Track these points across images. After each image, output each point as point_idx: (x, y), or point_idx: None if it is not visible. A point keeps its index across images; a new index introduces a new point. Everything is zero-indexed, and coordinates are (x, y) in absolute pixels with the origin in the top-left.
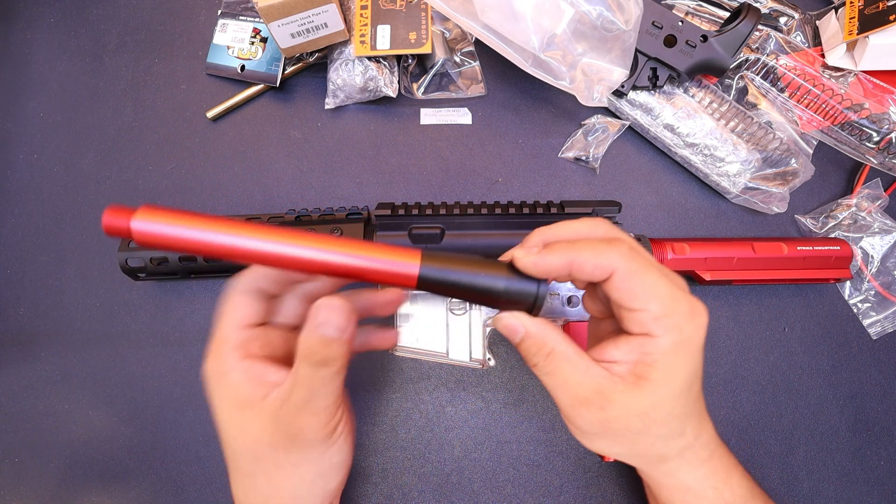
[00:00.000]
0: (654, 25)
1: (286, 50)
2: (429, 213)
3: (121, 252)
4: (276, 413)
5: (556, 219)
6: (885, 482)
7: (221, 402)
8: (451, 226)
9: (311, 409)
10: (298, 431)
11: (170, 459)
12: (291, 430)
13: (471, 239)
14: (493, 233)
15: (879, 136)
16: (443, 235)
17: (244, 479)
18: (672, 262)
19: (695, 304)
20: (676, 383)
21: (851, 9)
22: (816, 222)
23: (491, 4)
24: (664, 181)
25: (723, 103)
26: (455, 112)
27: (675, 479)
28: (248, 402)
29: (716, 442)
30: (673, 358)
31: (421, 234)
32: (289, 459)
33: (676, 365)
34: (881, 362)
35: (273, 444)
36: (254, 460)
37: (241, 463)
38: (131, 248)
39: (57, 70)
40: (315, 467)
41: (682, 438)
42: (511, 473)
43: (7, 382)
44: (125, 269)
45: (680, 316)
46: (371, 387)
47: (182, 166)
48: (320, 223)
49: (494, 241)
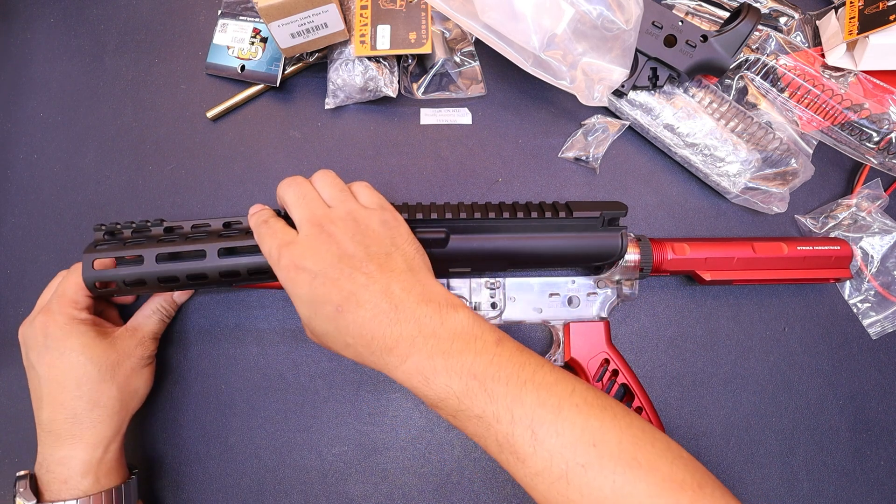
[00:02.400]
0: (655, 25)
1: (286, 50)
2: (434, 216)
3: (87, 274)
4: (120, 334)
5: (564, 222)
6: (885, 482)
7: (77, 336)
8: (456, 229)
9: (143, 332)
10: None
11: (169, 459)
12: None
13: (477, 243)
14: (499, 237)
15: (879, 136)
16: (447, 240)
17: (103, 384)
18: (672, 262)
19: (280, 246)
20: (299, 307)
21: (851, 9)
22: (816, 222)
23: (491, 4)
24: (664, 181)
25: (723, 103)
26: (455, 112)
27: (394, 377)
28: (99, 336)
29: (413, 341)
30: (289, 295)
31: (425, 239)
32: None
33: (293, 298)
34: (881, 362)
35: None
36: (112, 367)
37: (104, 370)
38: (98, 270)
39: (57, 70)
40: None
41: (347, 348)
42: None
43: (7, 382)
44: (95, 292)
45: (273, 263)
46: (371, 387)
47: (182, 166)
48: None
49: (501, 244)
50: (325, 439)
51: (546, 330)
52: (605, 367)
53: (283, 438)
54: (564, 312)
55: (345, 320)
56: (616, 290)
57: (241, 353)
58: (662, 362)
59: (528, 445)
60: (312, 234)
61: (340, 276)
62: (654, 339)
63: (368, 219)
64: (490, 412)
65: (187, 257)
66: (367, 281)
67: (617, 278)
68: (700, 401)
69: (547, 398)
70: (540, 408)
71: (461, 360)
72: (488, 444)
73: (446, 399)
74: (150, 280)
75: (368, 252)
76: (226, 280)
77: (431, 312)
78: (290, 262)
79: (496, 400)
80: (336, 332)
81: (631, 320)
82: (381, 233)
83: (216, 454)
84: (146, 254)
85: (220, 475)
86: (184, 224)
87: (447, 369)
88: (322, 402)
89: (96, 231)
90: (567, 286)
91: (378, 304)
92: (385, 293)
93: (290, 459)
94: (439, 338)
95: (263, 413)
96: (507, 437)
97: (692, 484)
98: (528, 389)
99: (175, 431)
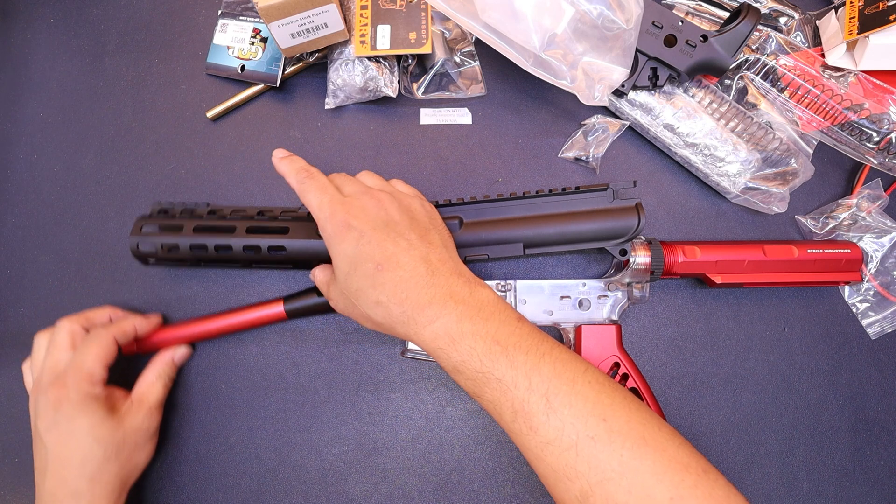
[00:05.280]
0: (655, 25)
1: (286, 50)
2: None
3: (132, 236)
4: (128, 410)
5: (573, 196)
6: (885, 482)
7: (88, 415)
8: (469, 213)
9: (149, 402)
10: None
11: (170, 459)
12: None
13: (490, 226)
14: (511, 217)
15: (879, 137)
16: (461, 225)
17: (114, 460)
18: (683, 264)
19: (334, 203)
20: (338, 264)
21: (851, 9)
22: (817, 223)
23: (491, 4)
24: (664, 181)
25: (723, 103)
26: (455, 112)
27: (417, 343)
28: (108, 413)
29: (442, 310)
30: (330, 248)
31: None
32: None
33: (333, 252)
34: (881, 362)
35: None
36: (118, 447)
37: (109, 451)
38: (143, 233)
39: (57, 70)
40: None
41: (376, 304)
42: (511, 473)
43: (7, 382)
44: (136, 254)
45: (323, 217)
46: (371, 387)
47: (182, 166)
48: None
49: (514, 225)
50: (325, 439)
51: (557, 332)
52: (615, 371)
53: (283, 438)
54: (575, 315)
55: (382, 277)
56: (626, 292)
57: (241, 353)
58: (663, 362)
59: (542, 413)
60: (364, 198)
61: (385, 239)
62: (655, 339)
63: (410, 200)
64: (509, 377)
65: (219, 231)
66: (408, 246)
67: (627, 281)
68: (700, 401)
69: (563, 371)
70: (556, 378)
71: (487, 326)
72: (503, 410)
73: (468, 361)
74: (182, 247)
75: (411, 223)
76: (247, 256)
77: (462, 283)
78: (342, 218)
79: (516, 366)
80: (371, 288)
81: (631, 320)
82: (421, 212)
83: (216, 454)
84: (186, 224)
85: (220, 475)
86: (224, 208)
87: (473, 333)
88: (322, 402)
89: (154, 206)
90: (578, 288)
91: (416, 268)
92: (423, 259)
93: (290, 459)
94: (468, 304)
95: (263, 413)
96: (523, 404)
97: (696, 468)
98: (546, 361)
99: (175, 431)
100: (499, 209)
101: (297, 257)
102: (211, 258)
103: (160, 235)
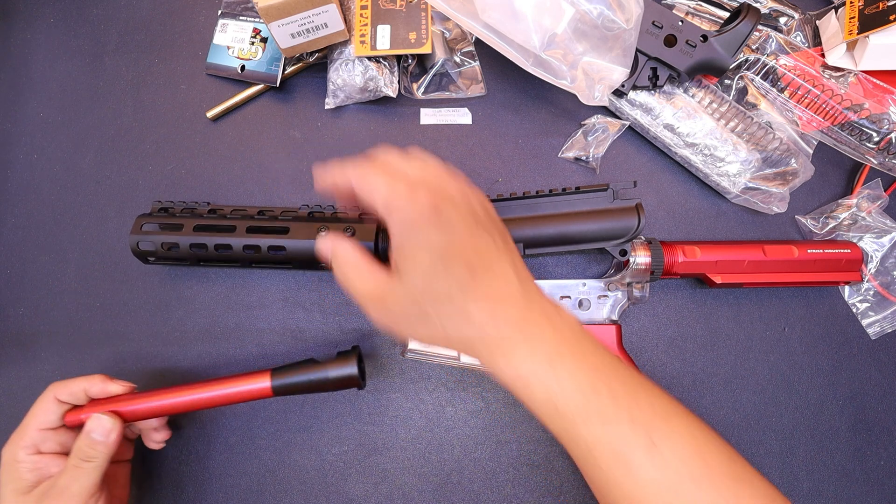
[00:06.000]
0: (655, 25)
1: (286, 50)
2: None
3: (133, 235)
4: (46, 493)
5: (572, 196)
6: (885, 482)
7: (8, 484)
8: None
9: (70, 493)
10: None
11: (170, 459)
12: None
13: None
14: (513, 217)
15: (879, 136)
16: None
17: None
18: (683, 264)
19: (414, 185)
20: (420, 260)
21: (851, 9)
22: (817, 223)
23: (491, 4)
24: (664, 181)
25: (723, 103)
26: (455, 112)
27: (496, 368)
28: (27, 487)
29: (541, 324)
30: (405, 239)
31: None
32: None
33: (411, 243)
34: (881, 362)
35: None
36: None
37: None
38: (143, 232)
39: (57, 70)
40: None
41: (463, 316)
42: (511, 473)
43: (7, 382)
44: (136, 253)
45: (399, 198)
46: (371, 387)
47: (182, 166)
48: (333, 221)
49: (512, 232)
50: (325, 439)
51: None
52: None
53: (283, 438)
54: (575, 315)
55: (475, 283)
56: (626, 292)
57: (241, 353)
58: (663, 362)
59: (645, 454)
60: (440, 181)
61: (475, 234)
62: (655, 339)
63: (477, 192)
64: (611, 413)
65: (220, 230)
66: (495, 247)
67: (627, 281)
68: (700, 401)
69: (655, 400)
70: (650, 409)
71: (583, 349)
72: (602, 451)
73: (571, 396)
74: (183, 245)
75: (489, 219)
76: (247, 255)
77: (547, 300)
78: (429, 200)
79: (618, 399)
80: (460, 294)
81: (631, 320)
82: (490, 208)
83: (216, 454)
84: (186, 223)
85: (220, 475)
86: (225, 207)
87: (574, 361)
88: (322, 402)
89: (154, 205)
90: (578, 288)
91: (508, 277)
92: (512, 266)
93: (290, 459)
94: (559, 329)
95: (263, 413)
96: (624, 442)
97: (775, 496)
98: (641, 391)
99: (175, 431)
100: (499, 209)
101: (297, 257)
102: (211, 257)
103: (160, 234)
